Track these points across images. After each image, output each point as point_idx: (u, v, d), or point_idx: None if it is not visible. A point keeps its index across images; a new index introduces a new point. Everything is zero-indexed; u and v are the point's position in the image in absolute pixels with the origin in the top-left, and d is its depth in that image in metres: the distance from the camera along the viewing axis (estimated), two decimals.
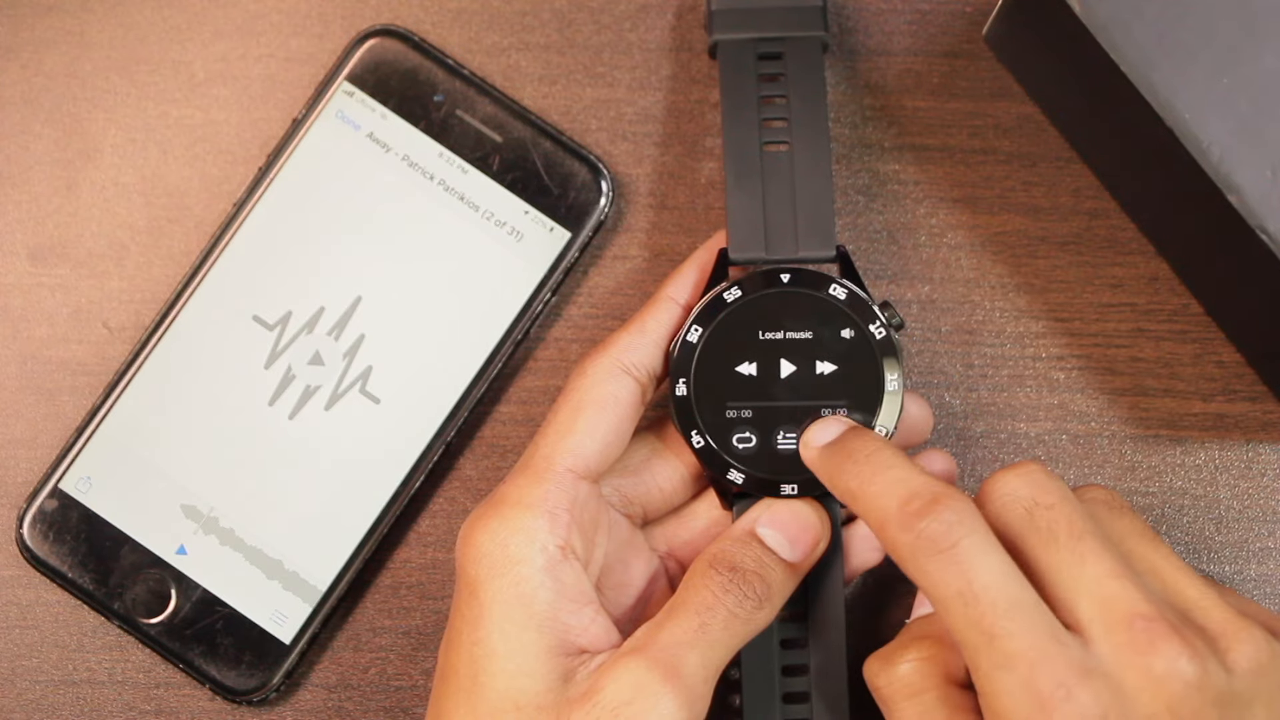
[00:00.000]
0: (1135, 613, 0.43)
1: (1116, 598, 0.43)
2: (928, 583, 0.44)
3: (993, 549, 0.43)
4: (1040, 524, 0.45)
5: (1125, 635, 0.43)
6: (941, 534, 0.43)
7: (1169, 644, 0.43)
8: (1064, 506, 0.45)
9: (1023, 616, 0.43)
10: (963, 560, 0.43)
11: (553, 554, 0.48)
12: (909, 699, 0.46)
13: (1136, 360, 0.56)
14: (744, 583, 0.47)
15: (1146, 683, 0.42)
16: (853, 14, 0.57)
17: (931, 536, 0.43)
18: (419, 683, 0.55)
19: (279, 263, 0.55)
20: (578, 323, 0.56)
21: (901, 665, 0.46)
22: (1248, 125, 0.47)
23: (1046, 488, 0.46)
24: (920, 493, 0.44)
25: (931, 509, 0.44)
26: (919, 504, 0.44)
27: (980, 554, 0.43)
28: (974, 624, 0.43)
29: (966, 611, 0.43)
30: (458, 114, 0.56)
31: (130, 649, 0.55)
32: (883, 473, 0.45)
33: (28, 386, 0.56)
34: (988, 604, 0.43)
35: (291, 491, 0.54)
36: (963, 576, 0.43)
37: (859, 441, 0.47)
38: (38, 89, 0.57)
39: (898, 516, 0.44)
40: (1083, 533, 0.45)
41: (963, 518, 0.44)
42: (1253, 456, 0.56)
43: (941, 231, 0.57)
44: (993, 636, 0.42)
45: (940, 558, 0.43)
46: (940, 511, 0.44)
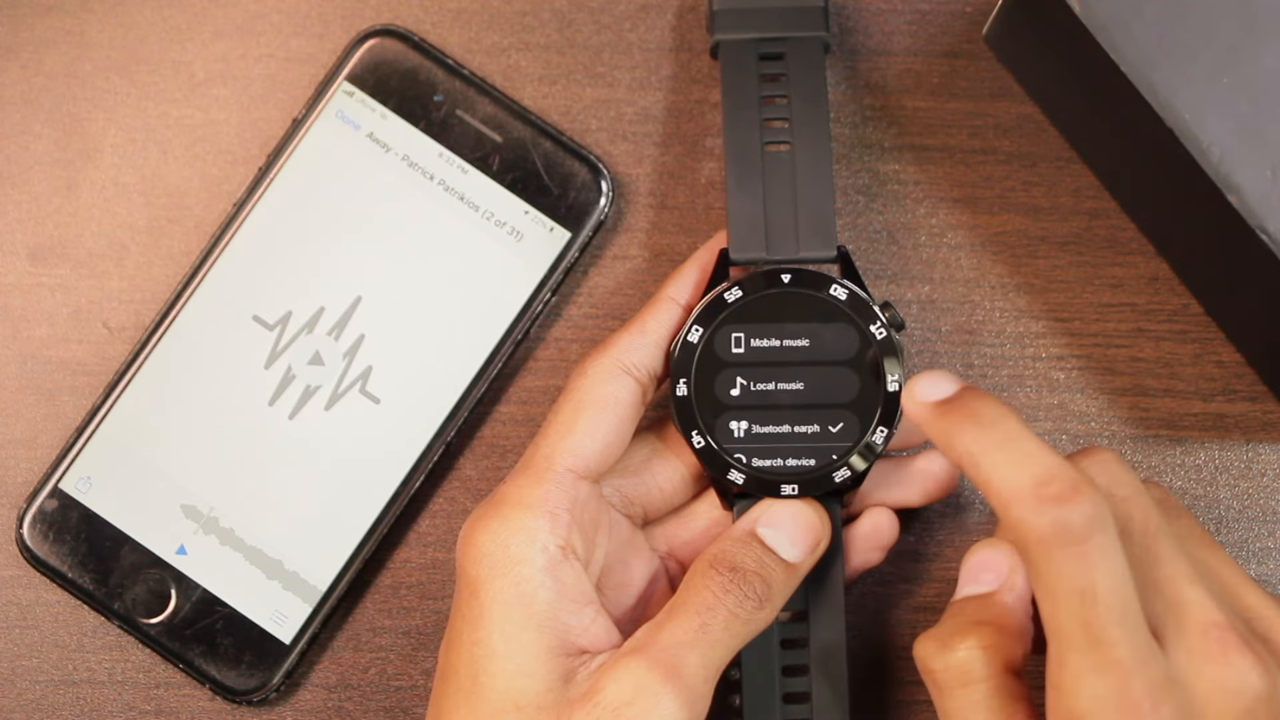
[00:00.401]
0: (1210, 621, 0.43)
1: (1191, 604, 0.43)
2: (1049, 572, 0.42)
3: (1119, 552, 0.42)
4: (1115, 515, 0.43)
5: (1200, 643, 0.43)
6: (1078, 527, 0.41)
7: (1242, 656, 0.42)
8: (1139, 500, 0.45)
9: (1131, 626, 0.42)
10: (1092, 558, 0.42)
11: (553, 554, 0.48)
12: (964, 686, 0.45)
13: (1136, 360, 0.56)
14: (744, 583, 0.47)
15: (1218, 693, 0.42)
16: (853, 14, 0.57)
17: (1067, 527, 0.41)
18: (419, 683, 0.55)
19: (279, 263, 0.55)
20: (578, 323, 0.56)
21: (960, 650, 0.45)
22: (1248, 125, 0.47)
23: (1122, 479, 0.45)
24: (1058, 476, 0.42)
25: (1071, 498, 0.42)
26: (1057, 489, 0.42)
27: (1109, 555, 0.42)
28: (1085, 624, 0.42)
29: (1082, 611, 0.42)
30: (458, 114, 0.56)
31: (130, 649, 0.55)
32: (1012, 443, 0.43)
33: (28, 386, 0.56)
34: (1105, 608, 0.41)
35: (291, 491, 0.54)
36: (1088, 575, 0.41)
37: (981, 403, 0.44)
38: (38, 89, 0.57)
39: (1031, 498, 0.42)
40: (1156, 531, 0.44)
41: (1100, 512, 0.42)
42: (1253, 456, 0.56)
43: (941, 231, 0.57)
44: (1100, 641, 0.41)
45: (1070, 551, 0.42)
46: (1080, 503, 0.42)
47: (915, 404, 0.46)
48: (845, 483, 0.50)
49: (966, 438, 0.44)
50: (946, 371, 0.46)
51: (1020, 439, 0.43)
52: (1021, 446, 0.43)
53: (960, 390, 0.45)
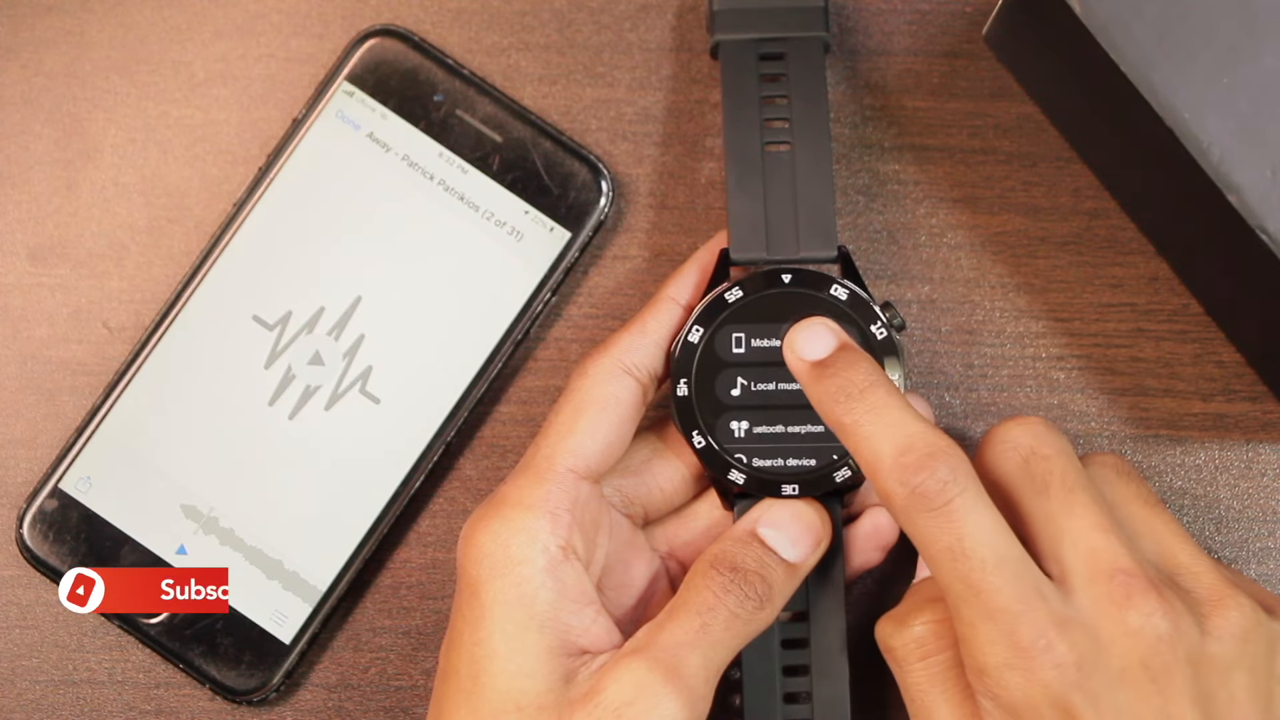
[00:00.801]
0: (1116, 566, 0.44)
1: (1100, 550, 0.45)
2: (919, 536, 0.44)
3: (983, 506, 0.44)
4: (1035, 472, 0.46)
5: (1104, 587, 0.44)
6: (935, 491, 0.44)
7: (1145, 599, 0.44)
8: (1059, 459, 0.47)
9: (1008, 572, 0.44)
10: (954, 517, 0.44)
11: (554, 554, 0.48)
12: (922, 660, 0.47)
13: (1136, 360, 0.56)
14: (745, 583, 0.47)
15: (1121, 634, 0.44)
16: (853, 14, 0.57)
17: (925, 493, 0.44)
18: (419, 683, 0.55)
19: (279, 263, 0.55)
20: (578, 323, 0.56)
21: (915, 627, 0.47)
22: (1248, 125, 0.47)
23: (1046, 439, 0.47)
24: (916, 444, 0.44)
25: (927, 464, 0.44)
26: (914, 457, 0.44)
27: (971, 511, 0.44)
28: (961, 578, 0.44)
29: (955, 566, 0.44)
30: (458, 114, 0.56)
31: (130, 649, 0.55)
32: (877, 413, 0.45)
33: (28, 386, 0.56)
34: (976, 560, 0.44)
35: (291, 491, 0.54)
36: (954, 533, 0.44)
37: (852, 370, 0.46)
38: (38, 89, 0.57)
39: (892, 467, 0.44)
40: (1074, 485, 0.46)
41: (956, 475, 0.44)
42: (1253, 456, 0.56)
43: (941, 231, 0.57)
44: (979, 591, 0.43)
45: (933, 514, 0.44)
46: (935, 468, 0.44)
47: (793, 357, 0.47)
48: (845, 483, 0.50)
49: (837, 408, 0.46)
50: (826, 323, 0.48)
51: (884, 408, 0.45)
52: (885, 416, 0.45)
53: (835, 351, 0.47)
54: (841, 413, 0.46)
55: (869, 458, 0.45)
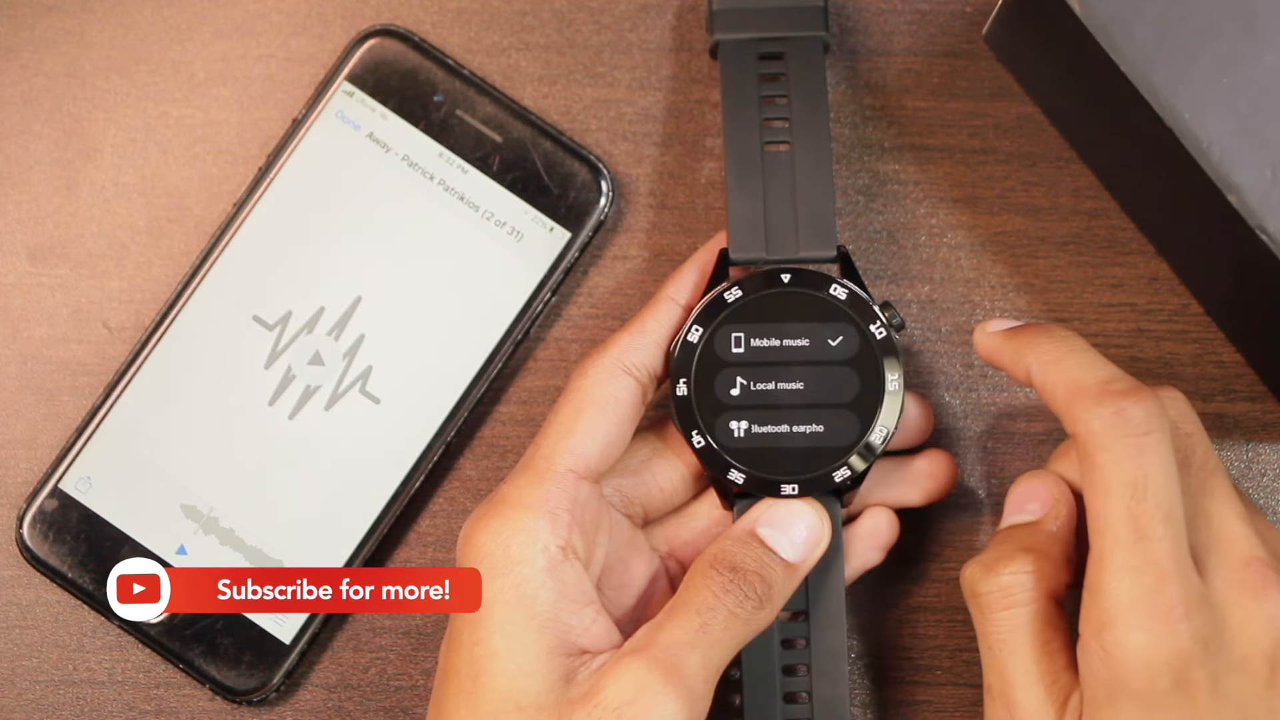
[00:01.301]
0: (1252, 554, 0.44)
1: (1237, 537, 0.45)
2: (1106, 462, 0.44)
3: (1172, 455, 0.44)
4: (1178, 446, 0.45)
5: (1240, 574, 0.44)
6: (1140, 420, 0.44)
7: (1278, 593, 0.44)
8: (1201, 438, 0.46)
9: (1175, 529, 0.43)
10: (1149, 452, 0.43)
11: (554, 554, 0.48)
12: (1007, 609, 0.47)
13: (1136, 360, 0.56)
14: (744, 583, 0.47)
15: (1249, 622, 0.44)
16: (853, 14, 0.57)
17: (1130, 418, 0.44)
18: (419, 683, 0.55)
19: (279, 263, 0.55)
20: (578, 323, 0.56)
21: (1005, 575, 0.47)
22: (1248, 125, 0.47)
23: (1188, 416, 0.47)
24: (1121, 377, 0.45)
25: (1135, 393, 0.44)
26: (1124, 385, 0.44)
27: (1164, 453, 0.44)
28: (1132, 518, 0.43)
29: (1130, 504, 0.43)
30: (458, 114, 0.56)
31: (130, 649, 0.55)
32: (1080, 353, 0.46)
33: (28, 386, 0.56)
34: (1153, 504, 0.43)
35: (291, 491, 0.54)
36: (1142, 468, 0.43)
37: (1052, 326, 0.48)
38: (38, 89, 0.57)
39: (1096, 390, 0.44)
40: (1215, 468, 0.46)
41: (1161, 412, 0.44)
42: (1253, 456, 0.56)
43: (941, 231, 0.57)
44: (1145, 536, 0.43)
45: (1129, 442, 0.44)
46: (1144, 398, 0.44)
47: (986, 335, 0.49)
48: (845, 483, 0.50)
49: (1038, 348, 0.46)
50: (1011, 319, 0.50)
51: (1087, 350, 0.46)
52: (1088, 356, 0.46)
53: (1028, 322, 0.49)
54: (1042, 350, 0.46)
55: (1070, 386, 0.45)
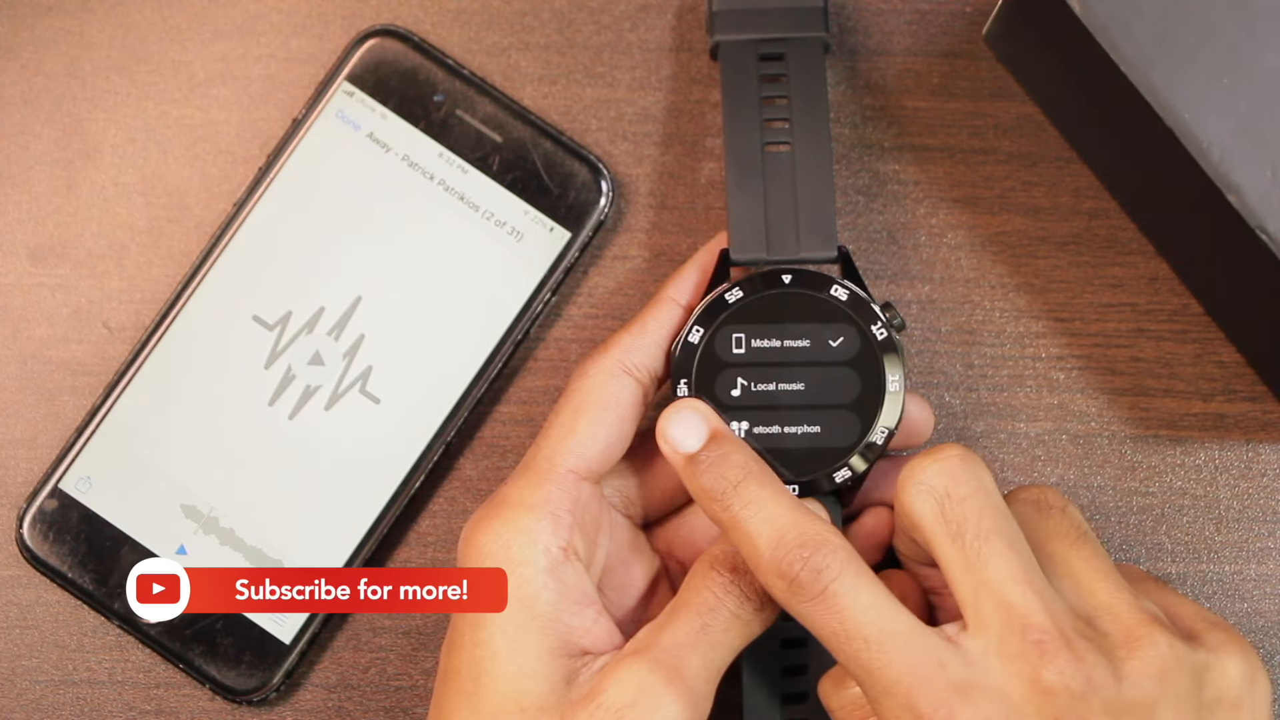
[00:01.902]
0: (1029, 623, 0.44)
1: (1013, 605, 0.44)
2: (806, 623, 0.45)
3: (862, 586, 0.45)
4: (950, 518, 0.45)
5: (1017, 645, 0.43)
6: (810, 581, 0.45)
7: (1057, 655, 0.43)
8: (974, 501, 0.45)
9: (896, 645, 0.44)
10: (833, 602, 0.44)
11: (555, 555, 0.48)
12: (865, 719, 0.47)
13: (1136, 360, 0.56)
14: (745, 584, 0.47)
15: (1033, 693, 0.43)
16: (853, 14, 0.57)
17: (802, 584, 0.45)
18: (419, 683, 0.55)
19: (279, 263, 0.55)
20: (578, 323, 0.56)
21: (852, 689, 0.47)
22: (1248, 125, 0.47)
23: (961, 478, 0.46)
24: (788, 537, 0.45)
25: (799, 554, 0.45)
26: (786, 550, 0.45)
27: (849, 594, 0.44)
28: (852, 659, 0.44)
29: (843, 648, 0.44)
30: (458, 114, 0.56)
31: (130, 649, 0.55)
32: (750, 509, 0.46)
33: (28, 386, 0.56)
34: (860, 640, 0.44)
35: (291, 491, 0.54)
36: (836, 618, 0.44)
37: (726, 466, 0.47)
38: (38, 89, 0.57)
39: (769, 561, 0.45)
40: (989, 532, 0.45)
41: (829, 561, 0.45)
42: (1253, 456, 0.56)
43: (941, 231, 0.57)
44: (869, 669, 0.44)
45: (812, 603, 0.45)
46: (806, 560, 0.45)
47: (669, 448, 0.48)
48: (846, 483, 0.50)
49: (715, 505, 0.47)
50: (696, 407, 0.49)
51: (757, 502, 0.46)
52: (760, 510, 0.46)
53: (708, 440, 0.48)
54: (719, 510, 0.47)
55: (750, 554, 0.46)
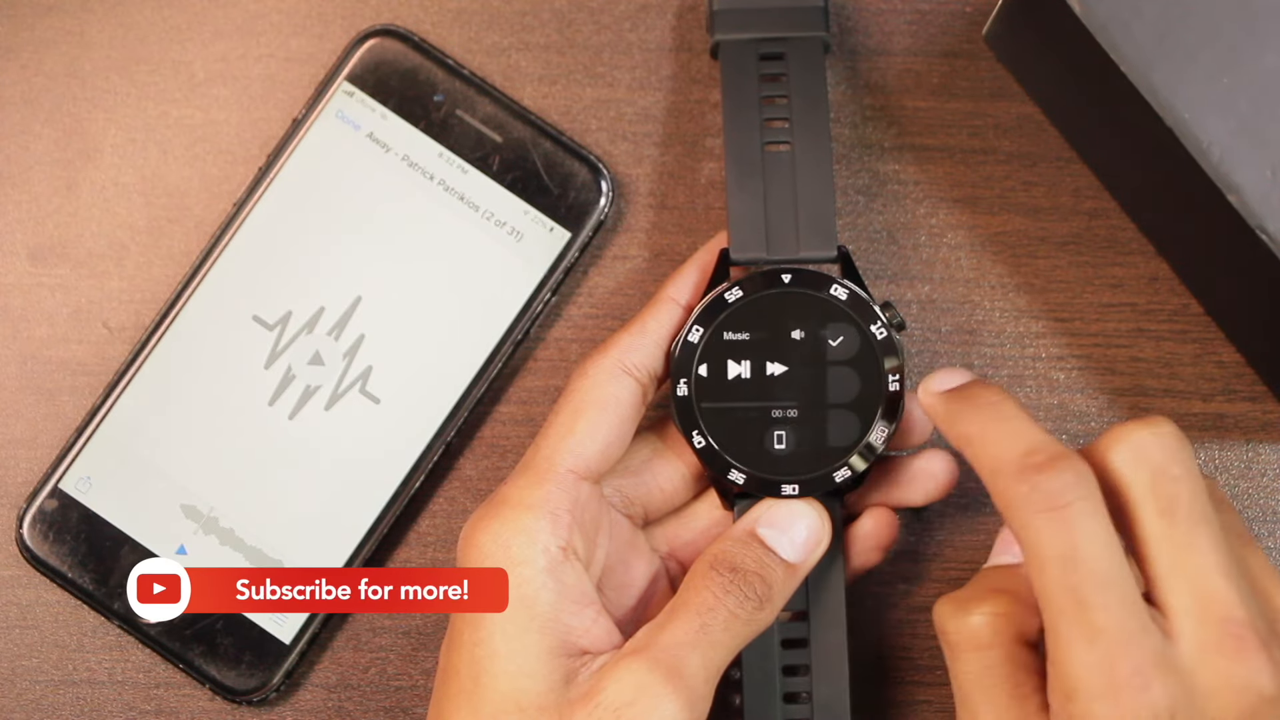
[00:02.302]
0: (1230, 616, 0.43)
1: (1215, 596, 0.43)
2: (1032, 538, 0.43)
3: (1102, 518, 0.43)
4: (1162, 492, 0.44)
5: (1215, 636, 0.43)
6: (1057, 492, 0.43)
7: (1256, 656, 0.43)
8: (1188, 482, 0.45)
9: (1117, 593, 0.42)
10: (1072, 523, 0.43)
11: (554, 555, 0.48)
12: (976, 651, 0.46)
13: (1136, 360, 0.56)
14: (745, 583, 0.47)
15: (1223, 688, 0.42)
16: (853, 14, 0.57)
17: (1047, 492, 0.43)
18: (419, 683, 0.55)
19: (279, 263, 0.55)
20: (578, 323, 0.56)
21: (975, 616, 0.46)
22: (1248, 125, 0.47)
23: (1177, 456, 0.45)
24: (1042, 448, 0.44)
25: (1052, 465, 0.43)
26: (1040, 458, 0.43)
27: (1090, 520, 0.43)
28: (1070, 589, 0.42)
29: (1064, 575, 0.42)
30: (458, 114, 0.56)
31: (130, 649, 0.55)
32: (1004, 422, 0.45)
33: (28, 386, 0.56)
34: (1087, 572, 0.42)
35: (291, 491, 0.54)
36: (1069, 540, 0.43)
37: (982, 389, 0.47)
38: (38, 89, 0.57)
39: (1015, 467, 0.44)
40: (1201, 517, 0.44)
41: (1081, 480, 0.43)
42: (1253, 456, 0.56)
43: (941, 231, 0.57)
44: (1085, 606, 0.42)
45: (1050, 515, 0.43)
46: (1060, 469, 0.43)
47: (925, 395, 0.48)
48: (845, 483, 0.50)
49: (965, 419, 0.46)
50: (962, 369, 0.48)
51: (1013, 419, 0.45)
52: (1013, 425, 0.45)
53: (968, 380, 0.48)
54: (969, 422, 0.46)
55: (991, 461, 0.44)
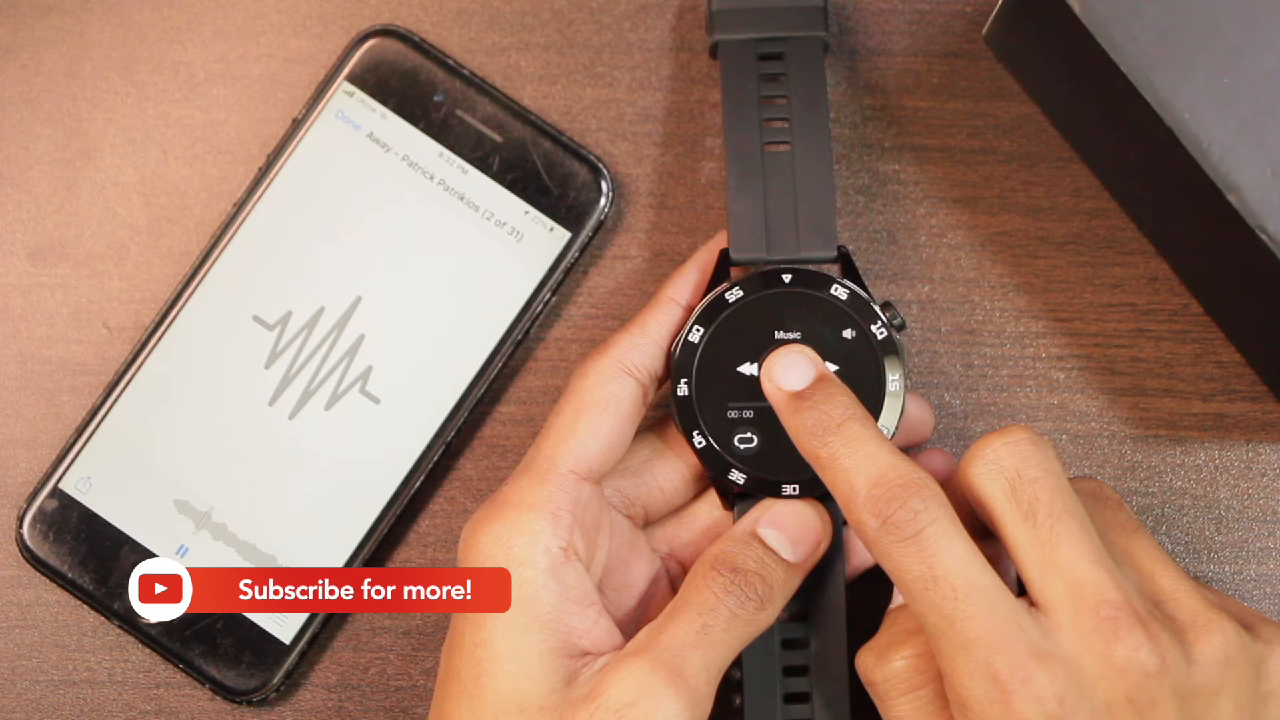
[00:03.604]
0: (1102, 599, 0.44)
1: (1086, 582, 0.44)
2: (894, 568, 0.45)
3: (956, 535, 0.44)
4: (1021, 497, 0.45)
5: (1091, 621, 0.44)
6: (906, 521, 0.44)
7: (1132, 633, 0.43)
8: (1046, 482, 0.46)
9: (982, 600, 0.44)
10: (926, 546, 0.44)
11: (555, 555, 0.48)
12: (905, 695, 0.47)
13: (1136, 360, 0.56)
14: (745, 584, 0.47)
15: (1106, 669, 0.43)
16: (853, 14, 0.57)
17: (897, 523, 0.44)
18: (419, 683, 0.55)
19: (279, 263, 0.55)
20: (578, 323, 0.56)
21: (896, 661, 0.47)
22: (1248, 125, 0.47)
23: (1032, 460, 0.46)
24: (887, 476, 0.45)
25: (899, 495, 0.45)
26: (886, 489, 0.45)
27: (943, 539, 0.44)
28: (935, 607, 0.44)
29: (928, 595, 0.44)
30: (458, 114, 0.56)
31: (130, 649, 0.55)
32: (851, 448, 0.46)
33: (28, 386, 0.56)
34: (948, 588, 0.44)
35: (291, 491, 0.54)
36: (925, 563, 0.44)
37: (829, 404, 0.47)
38: (38, 89, 0.57)
39: (865, 500, 0.45)
40: (1062, 512, 0.45)
41: (928, 505, 0.44)
42: (1253, 456, 0.56)
43: (941, 231, 0.57)
44: (952, 620, 0.43)
45: (904, 544, 0.44)
46: (907, 498, 0.44)
47: (771, 386, 0.48)
48: None
49: (814, 441, 0.47)
50: (803, 352, 0.49)
51: (859, 442, 0.46)
52: (860, 449, 0.46)
53: (814, 381, 0.48)
54: (818, 445, 0.47)
55: (844, 490, 0.46)
